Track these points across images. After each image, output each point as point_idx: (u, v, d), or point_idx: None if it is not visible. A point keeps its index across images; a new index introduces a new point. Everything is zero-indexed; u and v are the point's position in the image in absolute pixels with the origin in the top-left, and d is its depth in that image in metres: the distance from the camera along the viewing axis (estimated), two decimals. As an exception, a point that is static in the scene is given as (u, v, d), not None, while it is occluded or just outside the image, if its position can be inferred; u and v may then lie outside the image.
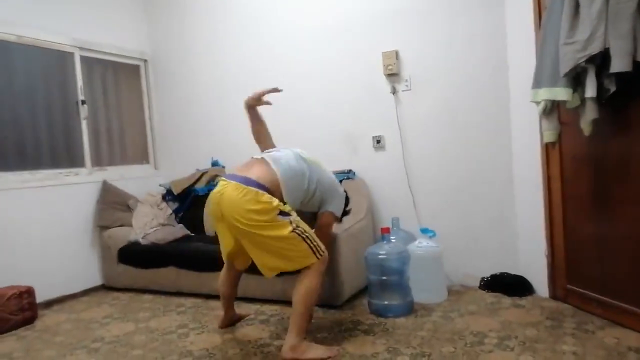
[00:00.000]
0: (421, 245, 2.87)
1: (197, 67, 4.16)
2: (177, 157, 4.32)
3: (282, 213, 2.15)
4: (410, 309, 2.67)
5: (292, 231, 2.13)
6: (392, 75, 3.27)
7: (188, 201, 3.93)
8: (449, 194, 3.15)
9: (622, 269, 2.20)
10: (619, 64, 1.85)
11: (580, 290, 2.47)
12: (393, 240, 2.87)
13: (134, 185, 4.07)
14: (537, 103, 2.26)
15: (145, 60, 4.37)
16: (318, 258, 2.20)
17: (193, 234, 3.78)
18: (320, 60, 3.55)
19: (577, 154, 2.42)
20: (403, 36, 3.22)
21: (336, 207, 2.47)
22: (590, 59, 1.94)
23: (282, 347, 2.16)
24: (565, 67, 2.01)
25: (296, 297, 2.17)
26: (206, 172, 3.99)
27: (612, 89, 1.97)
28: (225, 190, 2.17)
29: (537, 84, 2.23)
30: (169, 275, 3.39)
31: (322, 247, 2.25)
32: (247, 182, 2.15)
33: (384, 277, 2.66)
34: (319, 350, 2.16)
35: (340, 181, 3.36)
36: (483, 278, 2.99)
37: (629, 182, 2.12)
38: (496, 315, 2.49)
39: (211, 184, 3.94)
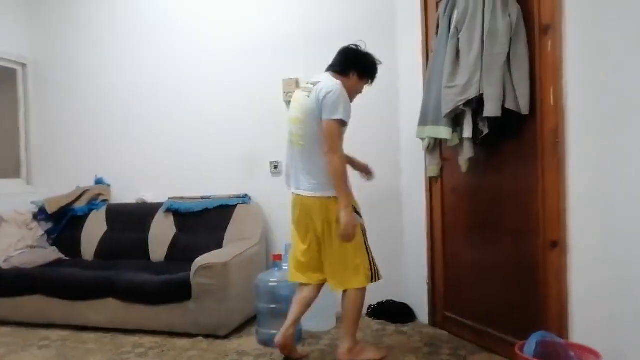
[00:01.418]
0: (313, 272, 2.86)
1: (84, 77, 3.86)
2: (55, 172, 3.92)
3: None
4: (298, 337, 2.63)
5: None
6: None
7: (64, 221, 3.57)
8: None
9: (493, 296, 2.37)
10: (490, 108, 2.04)
11: (457, 317, 2.62)
12: (285, 267, 2.84)
13: (1, 202, 3.59)
14: (422, 139, 2.40)
15: (24, 65, 3.95)
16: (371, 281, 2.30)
17: (67, 258, 3.42)
18: (222, 82, 3.50)
19: (455, 187, 2.61)
20: (304, 64, 3.28)
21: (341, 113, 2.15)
22: (468, 103, 2.13)
23: (338, 350, 2.28)
24: (446, 108, 2.18)
25: (347, 304, 2.27)
26: (88, 190, 3.66)
27: (485, 131, 2.16)
28: None
29: (423, 121, 2.39)
30: (35, 304, 2.99)
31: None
32: None
33: (274, 305, 2.60)
34: (372, 350, 2.32)
35: (235, 205, 3.29)
36: (371, 305, 3.06)
37: (501, 214, 2.31)
38: (380, 343, 2.55)
39: (93, 203, 3.62)
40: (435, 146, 2.47)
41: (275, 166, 3.36)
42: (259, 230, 3.17)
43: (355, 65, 2.32)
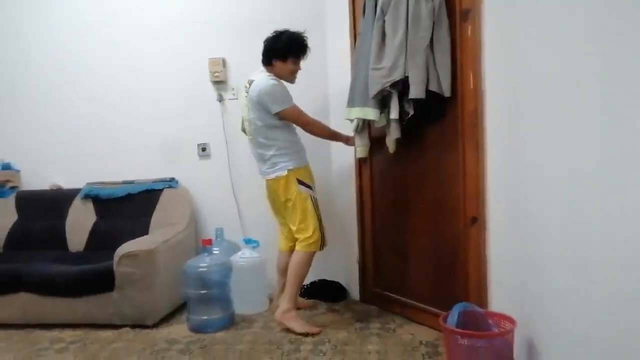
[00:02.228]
0: (244, 256, 2.84)
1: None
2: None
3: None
4: (231, 321, 2.61)
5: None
6: (219, 83, 3.20)
7: (-34, 211, 3.23)
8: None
9: (419, 271, 2.48)
10: (415, 90, 2.10)
11: (385, 292, 2.72)
12: (216, 252, 2.79)
13: None
14: (351, 121, 2.42)
15: None
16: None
17: (-29, 251, 3.12)
18: (145, 60, 3.29)
19: (383, 169, 2.67)
20: (231, 44, 3.18)
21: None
22: (394, 85, 2.17)
23: (277, 309, 2.49)
24: (373, 89, 2.22)
25: (290, 264, 2.50)
26: (-7, 176, 3.34)
27: (411, 112, 2.22)
28: None
29: (351, 102, 2.41)
30: None
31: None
32: None
33: (204, 291, 2.55)
34: (300, 324, 2.43)
35: (161, 190, 3.16)
36: (304, 285, 3.08)
37: (425, 194, 2.40)
38: (313, 321, 2.58)
39: (1, 189, 3.31)
40: (364, 127, 2.50)
41: (204, 149, 3.26)
42: (186, 215, 3.07)
43: (273, 53, 2.52)
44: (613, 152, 0.97)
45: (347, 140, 2.66)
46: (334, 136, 2.68)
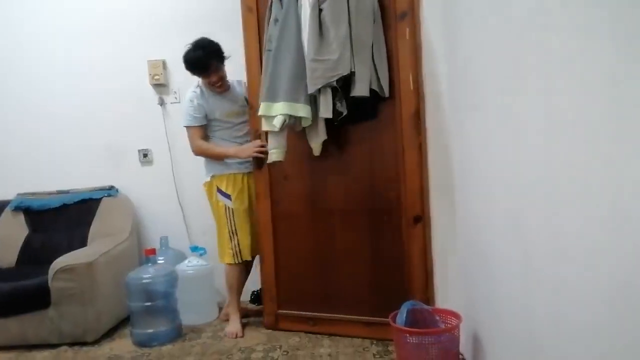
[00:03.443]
0: (191, 264, 2.75)
1: None
2: None
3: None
4: (178, 333, 2.52)
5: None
6: (160, 86, 3.09)
7: None
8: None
9: (348, 281, 2.33)
10: (360, 88, 2.01)
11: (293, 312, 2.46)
12: (161, 262, 2.70)
13: None
14: (267, 118, 2.14)
15: None
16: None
17: None
18: (81, 62, 3.13)
19: (289, 175, 2.40)
20: (172, 45, 3.04)
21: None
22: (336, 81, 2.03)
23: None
24: (315, 83, 2.02)
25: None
26: None
27: (344, 112, 2.09)
28: None
29: (272, 97, 2.11)
30: None
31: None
32: None
33: (149, 303, 2.44)
34: (234, 323, 2.51)
35: (100, 199, 3.01)
36: (253, 292, 3.03)
37: (357, 197, 2.27)
38: (264, 328, 2.54)
39: None
40: (285, 126, 2.18)
41: (145, 154, 3.14)
42: (128, 224, 2.94)
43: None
44: (556, 144, 0.99)
45: (241, 152, 2.47)
46: (225, 154, 2.52)
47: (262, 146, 2.36)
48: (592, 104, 0.85)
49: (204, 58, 2.41)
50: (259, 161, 2.42)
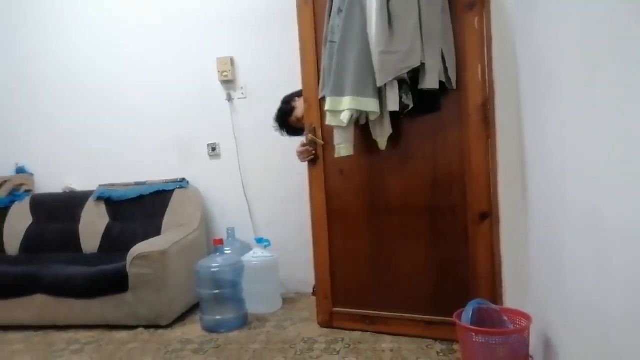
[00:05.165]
0: (256, 255, 2.84)
1: (2, 60, 3.52)
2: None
3: None
4: (244, 321, 2.61)
5: None
6: (228, 82, 3.20)
7: (-18, 215, 3.29)
8: (283, 202, 3.17)
9: (410, 280, 2.40)
10: (430, 80, 1.95)
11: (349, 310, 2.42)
12: (228, 252, 2.80)
13: None
14: (334, 112, 2.08)
15: None
16: None
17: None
18: (154, 61, 3.31)
19: (344, 169, 2.35)
20: (239, 43, 3.17)
21: None
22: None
23: None
24: (385, 76, 1.96)
25: None
26: (8, 180, 3.39)
27: (410, 105, 2.01)
28: None
29: (338, 91, 2.05)
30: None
31: None
32: None
33: (217, 291, 2.55)
34: None
35: (172, 190, 3.17)
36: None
37: (420, 194, 2.21)
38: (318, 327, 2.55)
39: (15, 194, 3.36)
40: (352, 121, 2.09)
41: (213, 148, 3.26)
42: (198, 215, 3.08)
43: None
44: (638, 139, 0.92)
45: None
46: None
47: (304, 146, 2.40)
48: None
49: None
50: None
